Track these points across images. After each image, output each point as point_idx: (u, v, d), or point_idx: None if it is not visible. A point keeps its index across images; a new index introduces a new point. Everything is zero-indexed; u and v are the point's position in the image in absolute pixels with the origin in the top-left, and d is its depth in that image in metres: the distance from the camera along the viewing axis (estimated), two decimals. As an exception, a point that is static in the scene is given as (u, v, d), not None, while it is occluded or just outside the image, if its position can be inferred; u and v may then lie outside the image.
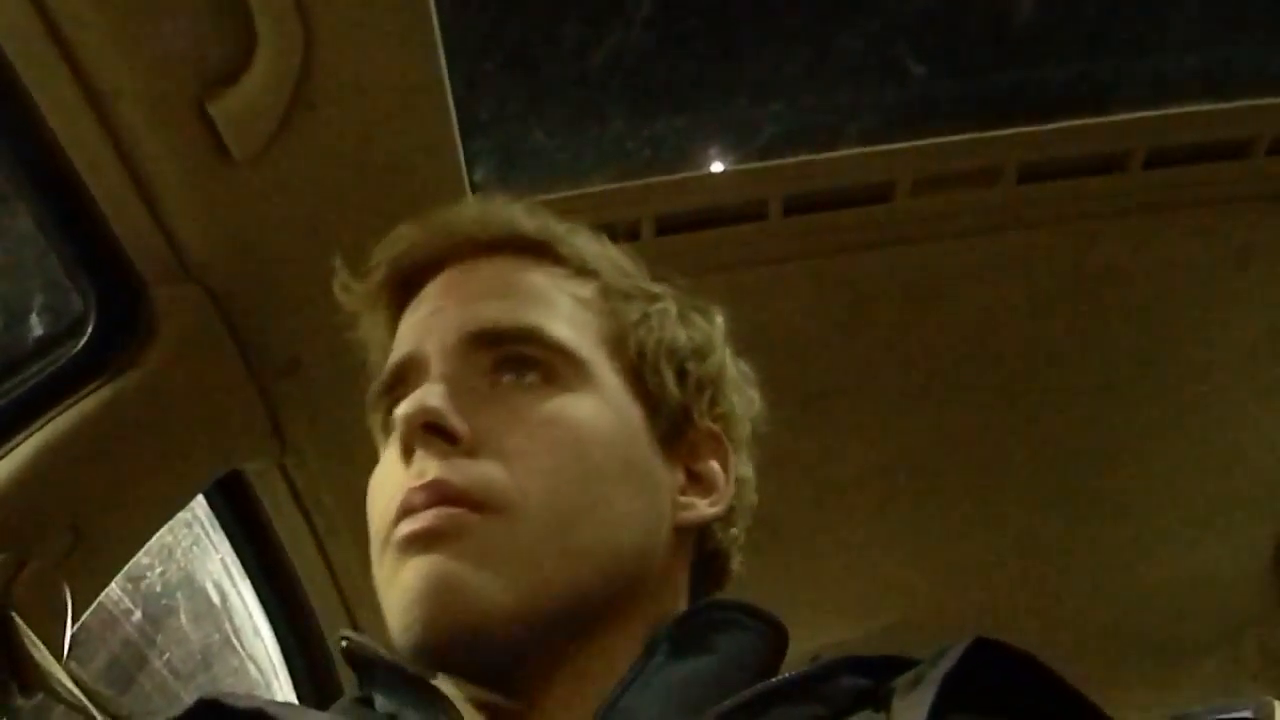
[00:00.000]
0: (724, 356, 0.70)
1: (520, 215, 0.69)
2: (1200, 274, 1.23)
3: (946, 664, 0.48)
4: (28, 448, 0.74)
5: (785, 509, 1.34)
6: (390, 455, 0.61)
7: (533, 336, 0.62)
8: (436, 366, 0.61)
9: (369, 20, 0.81)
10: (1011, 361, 1.28)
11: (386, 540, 0.57)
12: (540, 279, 0.66)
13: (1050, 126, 1.10)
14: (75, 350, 0.83)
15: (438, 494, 0.56)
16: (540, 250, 0.68)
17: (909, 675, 0.51)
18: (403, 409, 0.58)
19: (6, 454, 0.72)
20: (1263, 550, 1.64)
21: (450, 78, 0.88)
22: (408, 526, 0.56)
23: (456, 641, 0.54)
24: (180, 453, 0.91)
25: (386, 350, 0.68)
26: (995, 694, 0.49)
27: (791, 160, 1.06)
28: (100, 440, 0.80)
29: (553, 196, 1.04)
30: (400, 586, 0.55)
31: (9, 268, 0.90)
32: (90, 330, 0.85)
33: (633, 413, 0.63)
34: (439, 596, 0.54)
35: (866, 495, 1.40)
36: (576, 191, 1.05)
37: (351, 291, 0.71)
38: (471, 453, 0.57)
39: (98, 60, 0.77)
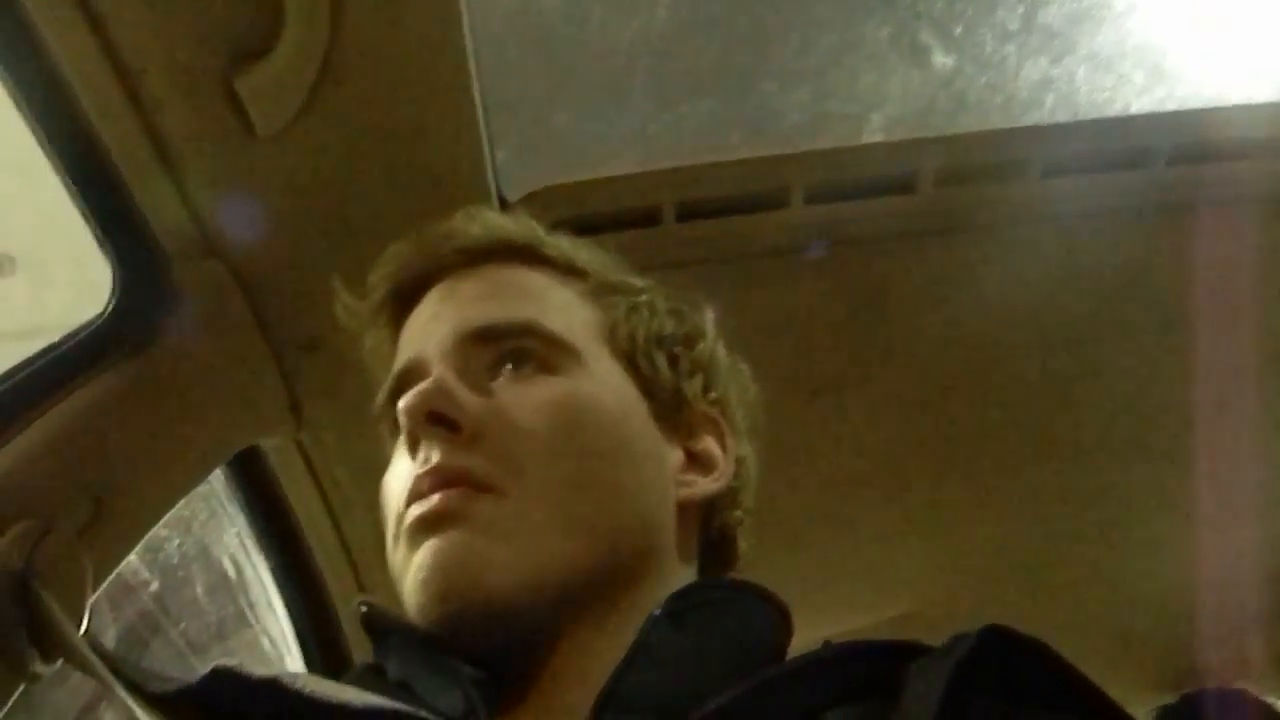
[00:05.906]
0: (713, 345, 0.73)
1: (507, 223, 0.73)
2: (1220, 274, 1.22)
3: (960, 651, 0.49)
4: (52, 418, 0.74)
5: (796, 497, 1.35)
6: (401, 453, 0.64)
7: (528, 330, 0.65)
8: (437, 366, 0.64)
9: (397, -1, 0.82)
10: (1025, 356, 1.27)
11: (400, 527, 0.60)
12: (532, 279, 0.70)
13: (1073, 121, 1.10)
14: (99, 322, 0.84)
15: (442, 478, 0.59)
16: (528, 254, 0.71)
17: (921, 662, 0.52)
18: (403, 402, 0.60)
19: (31, 423, 0.73)
20: (1271, 550, 1.64)
21: (475, 57, 0.88)
22: (416, 511, 0.59)
23: (468, 615, 0.56)
24: (201, 427, 0.91)
25: (390, 366, 0.70)
26: (1007, 681, 0.50)
27: (815, 149, 1.05)
28: (123, 412, 0.80)
29: (573, 180, 1.04)
30: (414, 567, 0.58)
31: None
32: (114, 303, 0.85)
33: (629, 396, 0.66)
34: (449, 573, 0.56)
35: (877, 487, 1.40)
36: (597, 175, 1.05)
37: (353, 312, 0.74)
38: (473, 439, 0.60)
39: (127, 34, 0.77)
